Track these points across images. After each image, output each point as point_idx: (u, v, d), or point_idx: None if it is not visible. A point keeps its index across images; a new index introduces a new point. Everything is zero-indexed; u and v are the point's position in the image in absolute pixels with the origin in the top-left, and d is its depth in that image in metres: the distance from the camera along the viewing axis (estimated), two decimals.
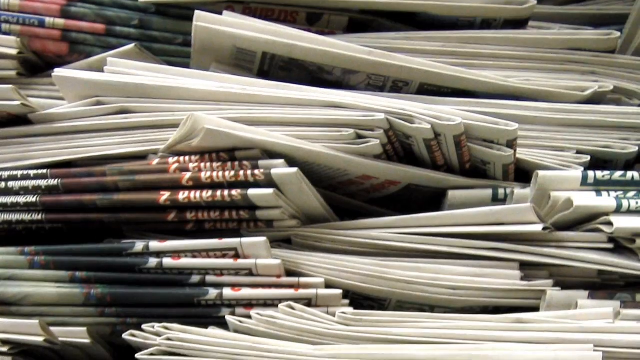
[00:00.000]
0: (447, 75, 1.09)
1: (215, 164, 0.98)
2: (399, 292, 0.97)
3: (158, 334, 0.91)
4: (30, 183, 1.01)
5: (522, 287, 0.96)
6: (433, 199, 1.08)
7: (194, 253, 0.96)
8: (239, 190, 0.95)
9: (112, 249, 0.97)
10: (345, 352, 0.88)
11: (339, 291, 0.95)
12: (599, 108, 1.11)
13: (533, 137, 1.09)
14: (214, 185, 0.97)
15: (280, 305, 0.92)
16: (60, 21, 1.17)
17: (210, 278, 0.95)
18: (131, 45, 1.14)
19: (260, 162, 0.97)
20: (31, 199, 0.99)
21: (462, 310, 0.97)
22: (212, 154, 0.99)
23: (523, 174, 1.06)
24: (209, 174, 0.96)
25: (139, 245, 0.96)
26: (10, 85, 1.06)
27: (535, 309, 0.96)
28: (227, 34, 1.07)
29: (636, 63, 1.16)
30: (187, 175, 0.97)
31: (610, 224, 0.95)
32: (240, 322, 0.92)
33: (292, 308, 0.92)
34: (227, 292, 0.94)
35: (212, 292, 0.94)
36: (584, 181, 0.99)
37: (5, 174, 1.02)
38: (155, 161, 1.01)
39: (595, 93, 1.12)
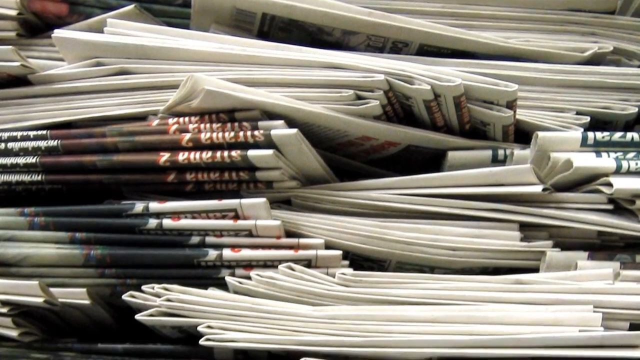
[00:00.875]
0: (446, 36, 1.07)
1: (214, 125, 0.96)
2: (398, 253, 0.96)
3: (158, 295, 0.89)
4: (29, 144, 0.99)
5: (521, 248, 0.95)
6: (433, 160, 1.06)
7: (194, 214, 0.94)
8: (238, 151, 0.93)
9: (111, 210, 0.96)
10: (345, 312, 0.87)
11: (339, 252, 0.93)
12: (599, 69, 1.09)
13: (533, 98, 1.07)
14: (213, 146, 0.95)
15: (279, 266, 0.91)
16: None
17: (209, 239, 0.93)
18: (131, 6, 1.11)
19: (260, 123, 0.95)
20: (31, 159, 0.97)
21: (461, 271, 0.96)
22: (211, 115, 0.97)
23: (523, 135, 1.04)
24: (208, 135, 0.94)
25: (139, 206, 0.94)
26: (10, 46, 1.03)
27: (535, 270, 0.95)
28: None
29: (636, 24, 1.13)
30: (187, 136, 0.95)
31: (610, 185, 0.94)
32: (240, 283, 0.90)
33: (292, 269, 0.91)
34: (227, 253, 0.92)
35: (212, 253, 0.92)
36: (584, 142, 0.97)
37: (5, 135, 1.00)
38: (155, 122, 0.99)
39: (595, 54, 1.10)
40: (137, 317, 0.89)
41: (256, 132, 0.93)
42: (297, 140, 0.93)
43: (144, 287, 0.90)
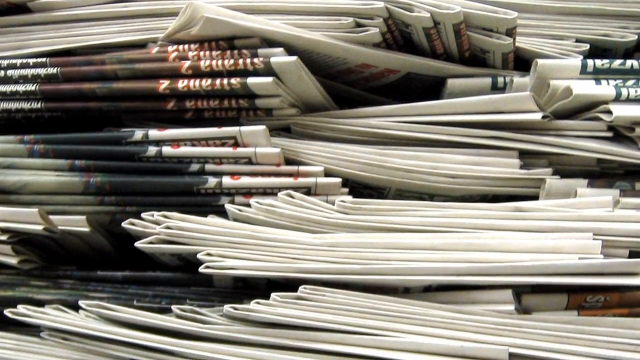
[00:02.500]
0: None
1: (214, 53, 0.92)
2: (398, 181, 0.93)
3: (157, 223, 0.87)
4: (29, 71, 0.95)
5: (521, 175, 0.92)
6: (432, 88, 1.04)
7: (193, 141, 0.91)
8: (238, 79, 0.90)
9: (111, 137, 0.92)
10: (345, 240, 0.84)
11: (338, 180, 0.91)
12: None
13: (532, 25, 1.04)
14: (213, 74, 0.91)
15: (279, 194, 0.89)
16: None
17: (209, 166, 0.91)
18: None
19: (260, 51, 0.91)
20: (30, 87, 0.94)
21: (461, 198, 0.94)
22: (211, 43, 0.94)
23: (522, 62, 1.01)
24: (208, 62, 0.91)
25: (139, 134, 0.91)
26: None
27: (535, 197, 0.92)
28: None
29: None
30: (187, 63, 0.92)
31: (609, 112, 0.90)
32: (240, 210, 0.88)
33: (292, 196, 0.89)
34: (227, 180, 0.90)
35: (212, 181, 0.90)
36: (583, 69, 0.94)
37: (5, 62, 0.97)
38: (155, 50, 0.95)
39: None
40: (137, 244, 0.87)
41: (256, 60, 0.90)
42: (296, 67, 0.90)
43: (143, 215, 0.88)
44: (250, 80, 0.89)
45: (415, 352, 0.79)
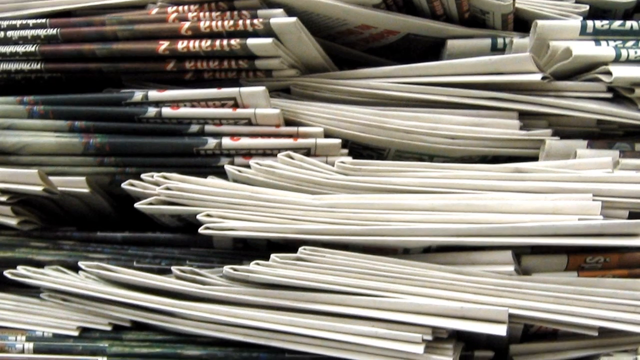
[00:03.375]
0: None
1: (214, 14, 0.90)
2: (397, 142, 0.91)
3: (157, 184, 0.86)
4: (29, 32, 0.92)
5: (521, 136, 0.90)
6: (432, 49, 1.01)
7: (193, 102, 0.89)
8: (237, 40, 0.87)
9: (111, 98, 0.90)
10: (344, 201, 0.83)
11: (338, 140, 0.89)
12: None
13: None
14: (213, 35, 0.89)
15: (279, 155, 0.87)
16: None
17: (209, 127, 0.88)
18: None
19: (260, 12, 0.89)
20: (30, 48, 0.91)
21: (460, 159, 0.92)
22: (210, 4, 0.91)
23: (522, 23, 0.98)
24: (207, 23, 0.88)
25: (138, 95, 0.89)
26: None
27: (534, 158, 0.90)
28: None
29: None
30: (186, 24, 0.89)
31: (609, 73, 0.88)
32: (240, 171, 0.86)
33: (291, 157, 0.87)
34: (226, 141, 0.88)
35: (211, 142, 0.88)
36: (583, 30, 0.91)
37: (4, 23, 0.94)
38: (154, 10, 0.92)
39: None
40: (137, 205, 0.86)
41: (255, 21, 0.87)
42: (296, 28, 0.88)
43: (143, 176, 0.87)
44: (250, 41, 0.87)
45: (414, 312, 0.78)
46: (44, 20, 0.92)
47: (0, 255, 0.88)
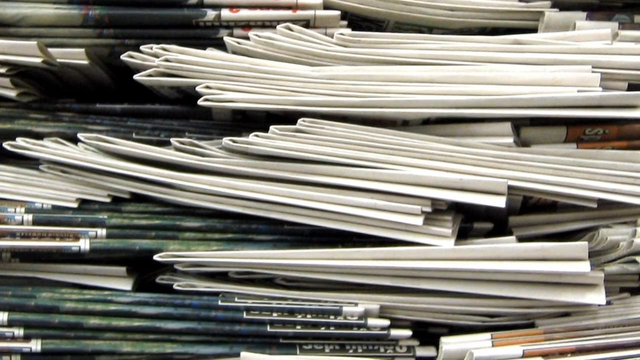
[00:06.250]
0: None
1: None
2: (396, 13, 0.84)
3: (156, 55, 0.79)
4: None
5: (520, 7, 0.84)
6: None
7: None
8: None
9: None
10: (343, 72, 0.77)
11: (337, 12, 0.82)
12: None
13: None
14: None
15: (278, 27, 0.80)
16: None
17: None
18: None
19: None
20: None
21: (460, 31, 0.85)
22: None
23: None
24: None
25: None
26: None
27: (534, 30, 0.84)
28: None
29: None
30: None
31: None
32: (239, 43, 0.80)
33: (290, 29, 0.80)
34: (225, 13, 0.81)
35: (210, 13, 0.81)
36: None
37: None
38: None
39: None
40: (136, 77, 0.79)
41: None
42: None
43: (142, 48, 0.80)
44: None
45: (413, 184, 0.74)
46: None
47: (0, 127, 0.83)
